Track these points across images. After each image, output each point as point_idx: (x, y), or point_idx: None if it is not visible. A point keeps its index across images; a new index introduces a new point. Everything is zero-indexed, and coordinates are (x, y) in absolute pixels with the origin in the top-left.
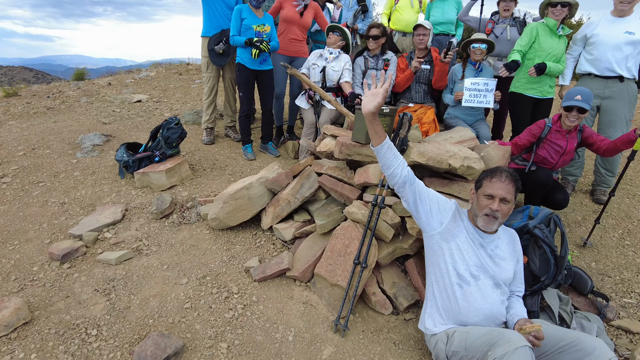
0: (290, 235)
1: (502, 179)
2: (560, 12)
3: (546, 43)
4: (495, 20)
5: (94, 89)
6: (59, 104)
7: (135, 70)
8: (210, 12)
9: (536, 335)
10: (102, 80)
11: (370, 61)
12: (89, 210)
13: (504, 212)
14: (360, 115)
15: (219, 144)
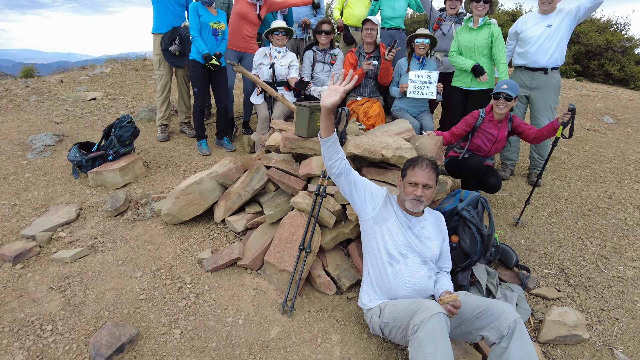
0: (242, 227)
1: (423, 167)
2: (482, 8)
3: (463, 39)
4: (443, 17)
5: (44, 87)
6: (6, 103)
7: (90, 67)
8: (160, 9)
9: (453, 305)
10: (53, 78)
11: (319, 55)
12: (42, 211)
13: (427, 196)
14: (301, 111)
15: (174, 140)
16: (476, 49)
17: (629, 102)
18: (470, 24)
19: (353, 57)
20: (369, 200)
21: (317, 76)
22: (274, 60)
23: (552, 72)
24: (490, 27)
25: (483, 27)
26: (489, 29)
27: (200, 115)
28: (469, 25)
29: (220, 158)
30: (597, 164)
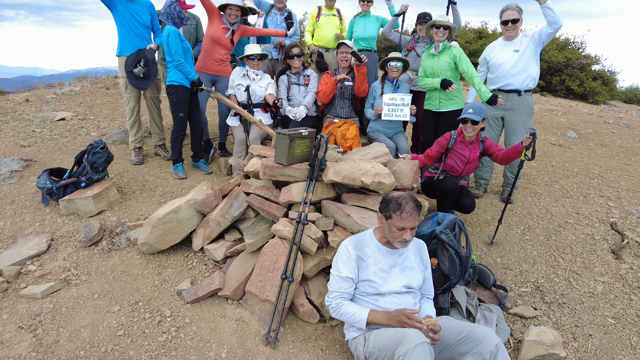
0: (222, 255)
1: (411, 212)
2: (442, 34)
3: (426, 65)
4: (416, 37)
5: (8, 106)
6: None
7: (57, 85)
8: (124, 30)
9: (433, 329)
10: (18, 96)
11: (293, 77)
12: (9, 243)
13: (413, 234)
14: (281, 138)
15: (149, 163)
16: (439, 72)
17: (589, 117)
18: (432, 50)
19: (330, 77)
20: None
21: (294, 97)
22: (251, 82)
23: (525, 94)
24: (451, 50)
25: (444, 52)
26: (449, 53)
27: (180, 140)
28: (431, 52)
29: (196, 181)
30: (564, 179)
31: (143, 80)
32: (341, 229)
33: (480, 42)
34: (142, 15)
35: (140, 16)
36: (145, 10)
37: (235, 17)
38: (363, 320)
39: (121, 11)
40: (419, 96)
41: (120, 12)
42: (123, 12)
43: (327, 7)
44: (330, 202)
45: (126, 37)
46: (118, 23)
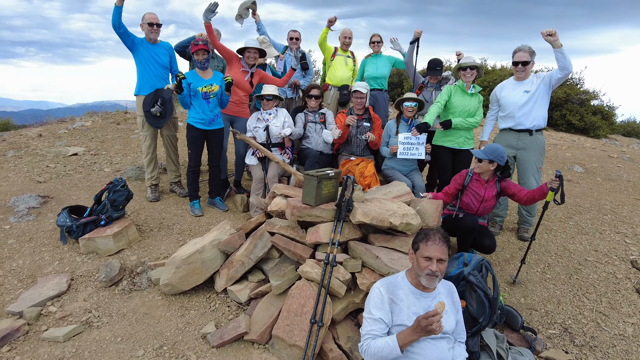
0: (246, 297)
1: (436, 242)
2: (470, 74)
3: (458, 101)
4: (425, 84)
5: (22, 141)
6: None
7: (69, 119)
8: (144, 71)
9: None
10: (31, 131)
11: (310, 116)
12: (28, 283)
13: (441, 270)
14: (309, 179)
15: (165, 200)
16: (469, 113)
17: (593, 151)
18: (470, 90)
19: (344, 117)
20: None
21: (310, 135)
22: (267, 122)
23: (536, 133)
24: (478, 95)
25: (475, 94)
26: (478, 97)
27: (193, 176)
28: (463, 88)
29: (213, 218)
30: (578, 215)
31: (159, 119)
32: (370, 271)
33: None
34: (161, 56)
35: (160, 57)
36: (164, 52)
37: (253, 59)
38: (395, 346)
39: (142, 53)
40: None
41: (141, 54)
42: (144, 53)
43: (342, 50)
44: (357, 243)
45: (145, 77)
46: (138, 64)
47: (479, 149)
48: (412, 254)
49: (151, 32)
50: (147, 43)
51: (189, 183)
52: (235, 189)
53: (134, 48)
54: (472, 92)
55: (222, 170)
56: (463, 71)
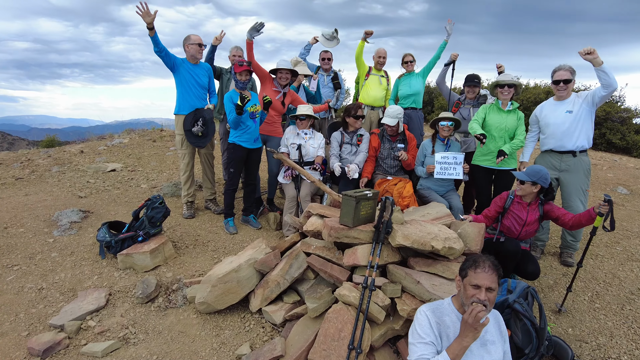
0: (281, 319)
1: (485, 269)
2: (507, 92)
3: (493, 119)
4: (462, 101)
5: (65, 157)
6: (29, 173)
7: (108, 137)
8: (183, 91)
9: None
10: (73, 148)
11: (347, 137)
12: (69, 296)
13: (491, 299)
14: (347, 200)
15: (200, 217)
16: (506, 130)
17: (637, 171)
18: (500, 105)
19: (376, 140)
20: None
21: (345, 157)
22: (304, 142)
23: (580, 154)
24: (517, 112)
25: (512, 111)
26: (517, 112)
27: (231, 194)
28: (498, 106)
29: (247, 236)
30: (625, 240)
31: (201, 139)
32: (410, 297)
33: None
34: (201, 77)
35: (200, 78)
36: (204, 72)
37: (285, 80)
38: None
39: (183, 73)
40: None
41: (182, 74)
42: (184, 74)
43: (376, 69)
44: (397, 266)
45: (185, 97)
46: (178, 84)
47: (521, 171)
48: (459, 281)
49: (198, 52)
50: (188, 63)
51: (226, 201)
52: (268, 207)
53: (175, 69)
54: (509, 109)
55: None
56: (500, 89)
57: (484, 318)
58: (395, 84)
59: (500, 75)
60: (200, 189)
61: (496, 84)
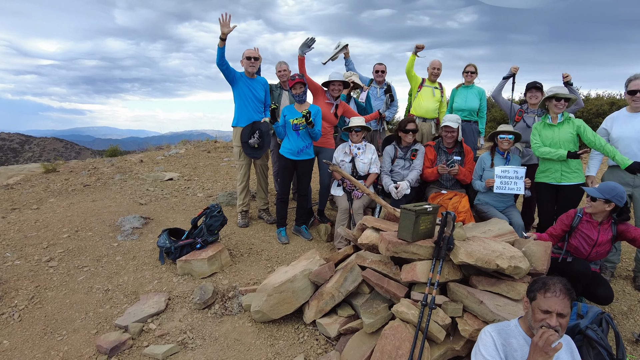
0: (335, 332)
1: (557, 293)
2: (561, 106)
3: (545, 136)
4: (525, 109)
5: (126, 166)
6: (95, 180)
7: (165, 147)
8: (241, 104)
9: None
10: (134, 157)
11: (400, 152)
12: (132, 299)
13: (563, 325)
14: (406, 214)
15: (253, 226)
16: (562, 144)
17: None
18: (549, 120)
19: (432, 152)
20: None
21: (397, 171)
22: (355, 157)
23: None
24: (572, 121)
25: (564, 123)
26: (571, 124)
27: (282, 204)
28: (547, 122)
29: (298, 247)
30: None
31: (257, 150)
32: (472, 317)
33: None
34: (258, 91)
35: (257, 92)
36: (261, 86)
37: (338, 92)
38: None
39: (241, 87)
40: (531, 169)
41: (240, 88)
42: (243, 87)
43: (429, 80)
44: (458, 285)
45: (243, 110)
46: (237, 97)
47: (592, 186)
48: (527, 303)
49: (249, 66)
50: (246, 78)
51: (278, 210)
52: (318, 218)
53: (234, 82)
54: (559, 122)
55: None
56: (557, 102)
57: (556, 342)
58: (451, 94)
59: (554, 88)
60: (254, 199)
61: (553, 96)
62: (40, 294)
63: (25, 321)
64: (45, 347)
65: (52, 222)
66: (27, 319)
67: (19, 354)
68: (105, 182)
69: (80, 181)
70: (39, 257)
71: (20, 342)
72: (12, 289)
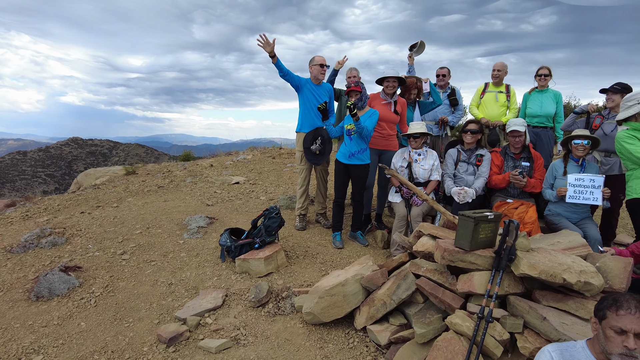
0: (386, 340)
1: (631, 310)
2: None
3: (634, 148)
4: (605, 115)
5: (197, 170)
6: (168, 183)
7: (234, 153)
8: (305, 111)
9: None
10: (205, 162)
11: (463, 155)
12: (192, 293)
13: None
14: (464, 221)
15: (310, 230)
16: None
17: None
18: None
19: (498, 158)
20: None
21: (460, 176)
22: (414, 163)
23: None
24: None
25: None
26: None
27: (337, 209)
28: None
29: (353, 252)
30: None
31: (318, 157)
32: (533, 334)
33: None
34: (323, 97)
35: (321, 98)
36: (325, 93)
37: (392, 88)
38: None
39: (306, 94)
40: (613, 180)
41: (305, 95)
42: (307, 94)
43: (493, 84)
44: (519, 299)
45: (307, 116)
46: (301, 103)
47: None
48: (596, 324)
49: (320, 74)
50: (312, 84)
51: (334, 215)
52: (376, 224)
53: (300, 89)
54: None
55: (366, 206)
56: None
57: None
58: (523, 98)
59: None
60: (313, 203)
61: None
62: (113, 284)
63: (100, 307)
64: (115, 331)
65: (127, 219)
66: (101, 305)
67: (93, 335)
68: (178, 184)
69: (155, 183)
70: (114, 250)
71: (94, 325)
72: (91, 277)
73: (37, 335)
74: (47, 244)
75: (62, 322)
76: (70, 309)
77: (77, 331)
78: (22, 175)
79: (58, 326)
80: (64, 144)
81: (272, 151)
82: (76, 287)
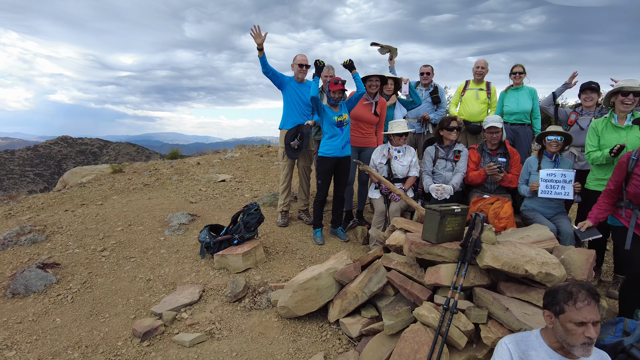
0: (357, 332)
1: (587, 301)
2: (630, 102)
3: (608, 139)
4: (579, 112)
5: (184, 168)
6: (154, 181)
7: (222, 151)
8: (289, 107)
9: None
10: (192, 160)
11: (441, 151)
12: (170, 289)
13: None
14: (431, 214)
15: (292, 226)
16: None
17: None
18: (614, 121)
19: (475, 154)
20: None
21: (439, 172)
22: (393, 159)
23: None
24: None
25: (632, 127)
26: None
27: (319, 206)
28: (612, 122)
29: (334, 247)
30: None
31: (296, 151)
32: (497, 324)
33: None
34: (306, 95)
35: (305, 96)
36: (308, 90)
37: (375, 87)
38: None
39: (289, 91)
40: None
41: (289, 92)
42: (291, 92)
43: (474, 82)
44: (484, 290)
45: (290, 113)
46: (285, 101)
47: None
48: (550, 317)
49: (299, 72)
50: (295, 82)
51: (315, 212)
52: (357, 221)
53: (283, 87)
54: (627, 125)
55: (347, 202)
56: (623, 96)
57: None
58: (500, 97)
59: (624, 81)
60: (295, 200)
61: (619, 90)
62: (91, 280)
63: (76, 303)
64: (90, 327)
65: (110, 217)
66: (77, 301)
67: (67, 331)
68: (163, 182)
69: (141, 181)
70: (94, 246)
71: (69, 320)
72: (69, 274)
73: (10, 332)
74: (26, 241)
75: (37, 318)
76: (46, 305)
77: (52, 327)
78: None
79: (33, 322)
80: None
81: (260, 149)
82: (53, 283)
